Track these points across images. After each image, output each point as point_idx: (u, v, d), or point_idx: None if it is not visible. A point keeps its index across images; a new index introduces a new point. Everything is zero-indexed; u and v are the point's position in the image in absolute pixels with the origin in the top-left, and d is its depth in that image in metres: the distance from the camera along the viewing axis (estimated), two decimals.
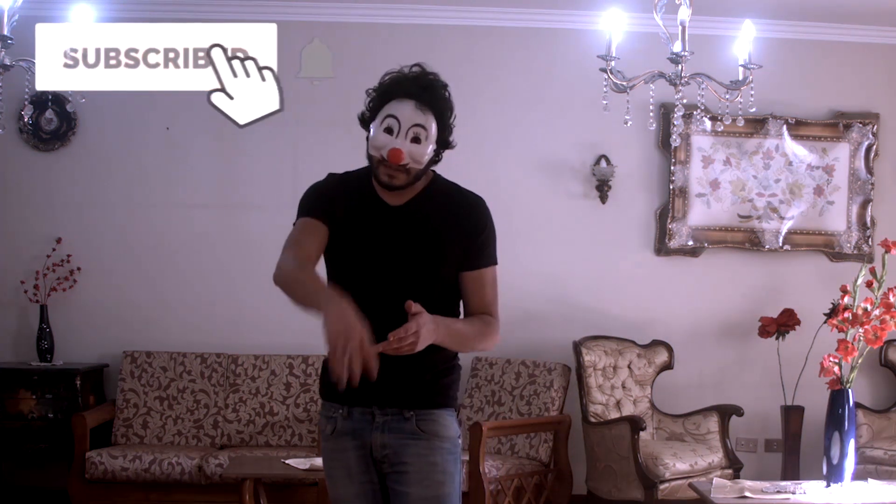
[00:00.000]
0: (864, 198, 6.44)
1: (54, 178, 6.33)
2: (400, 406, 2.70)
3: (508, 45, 6.36)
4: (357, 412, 2.73)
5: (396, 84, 2.70)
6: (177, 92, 6.30)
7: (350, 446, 2.74)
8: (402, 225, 2.71)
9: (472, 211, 2.74)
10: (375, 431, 2.71)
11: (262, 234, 6.33)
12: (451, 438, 2.73)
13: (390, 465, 2.71)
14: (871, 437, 6.04)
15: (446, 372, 2.76)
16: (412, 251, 2.68)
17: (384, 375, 2.60)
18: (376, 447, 2.71)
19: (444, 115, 2.70)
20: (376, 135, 2.69)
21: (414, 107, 2.66)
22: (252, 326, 6.31)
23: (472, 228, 2.72)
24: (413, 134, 2.65)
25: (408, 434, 2.69)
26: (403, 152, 2.63)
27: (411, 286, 2.66)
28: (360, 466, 2.74)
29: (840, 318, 4.90)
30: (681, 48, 3.94)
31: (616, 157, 6.34)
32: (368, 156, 2.73)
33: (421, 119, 2.66)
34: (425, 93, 2.68)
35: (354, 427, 2.74)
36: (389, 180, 2.67)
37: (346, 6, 6.27)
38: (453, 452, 2.74)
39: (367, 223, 2.72)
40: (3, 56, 4.04)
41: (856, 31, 6.41)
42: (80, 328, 6.30)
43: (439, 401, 2.74)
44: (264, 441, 6.04)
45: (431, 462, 2.69)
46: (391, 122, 2.67)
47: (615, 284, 6.41)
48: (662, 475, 5.49)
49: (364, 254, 2.70)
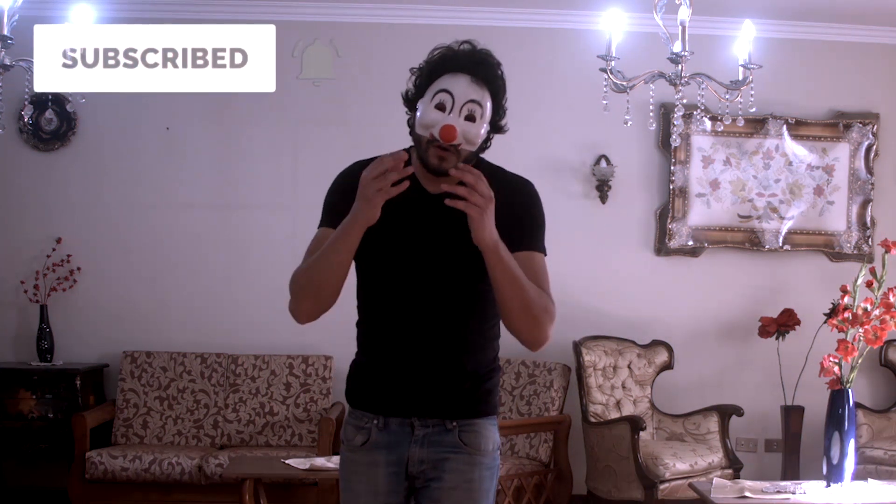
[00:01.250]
0: (864, 198, 6.44)
1: (54, 178, 6.33)
2: (442, 416, 2.51)
3: (508, 45, 6.34)
4: (395, 423, 2.53)
5: (449, 58, 2.44)
6: (177, 92, 6.35)
7: (382, 461, 2.53)
8: (444, 210, 2.39)
9: (519, 192, 2.54)
10: (414, 445, 2.52)
11: (261, 235, 6.34)
12: (491, 453, 2.56)
13: (424, 480, 2.53)
14: (871, 437, 6.04)
15: (488, 376, 2.57)
16: (455, 241, 2.44)
17: (424, 381, 2.51)
18: (413, 462, 2.52)
19: (498, 94, 2.47)
20: (426, 111, 2.41)
21: (469, 81, 2.41)
22: (252, 326, 6.31)
23: (518, 210, 2.49)
24: (468, 111, 2.41)
25: (449, 447, 2.52)
26: (457, 130, 2.38)
27: (454, 280, 2.47)
28: (390, 485, 2.54)
29: (840, 318, 4.90)
30: (681, 48, 3.94)
31: (616, 157, 6.34)
32: (415, 138, 2.47)
33: (477, 95, 2.41)
34: (480, 68, 2.43)
35: (390, 440, 2.53)
36: (439, 163, 2.42)
37: (345, 6, 6.27)
38: (491, 468, 2.57)
39: (405, 213, 2.47)
40: (3, 56, 4.04)
41: (856, 31, 6.41)
42: (80, 328, 6.30)
43: (482, 409, 2.56)
44: (264, 441, 6.04)
45: (469, 479, 2.52)
46: (444, 98, 2.40)
47: (615, 284, 6.41)
48: (662, 475, 5.49)
49: (403, 246, 2.48)
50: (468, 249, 2.41)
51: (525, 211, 2.53)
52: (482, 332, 2.56)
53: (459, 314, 2.52)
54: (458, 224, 2.42)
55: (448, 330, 2.50)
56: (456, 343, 2.52)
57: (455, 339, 2.51)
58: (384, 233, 2.46)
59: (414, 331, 2.50)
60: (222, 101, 6.36)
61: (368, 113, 6.24)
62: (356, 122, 6.27)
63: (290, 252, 6.25)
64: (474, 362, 2.54)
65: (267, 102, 6.32)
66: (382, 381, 2.55)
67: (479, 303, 2.52)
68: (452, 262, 2.47)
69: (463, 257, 2.46)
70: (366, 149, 6.43)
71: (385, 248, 2.49)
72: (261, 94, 6.28)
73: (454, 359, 2.51)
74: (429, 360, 2.50)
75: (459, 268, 2.48)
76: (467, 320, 2.53)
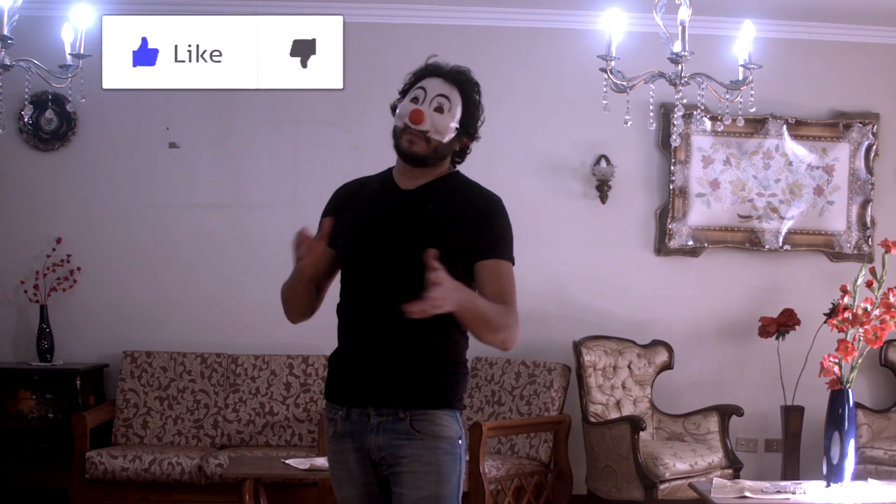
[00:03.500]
0: (864, 198, 6.44)
1: (54, 178, 6.33)
2: (395, 406, 2.63)
3: (509, 45, 6.36)
4: (354, 413, 2.68)
5: (427, 67, 2.76)
6: (176, 92, 6.36)
7: (350, 448, 2.70)
8: (407, 207, 2.68)
9: (485, 206, 2.70)
10: (370, 433, 2.65)
11: (262, 234, 6.34)
12: (448, 439, 2.65)
13: (388, 467, 2.66)
14: (871, 437, 6.04)
15: (448, 371, 2.68)
16: (419, 238, 2.60)
17: (380, 375, 2.64)
18: (373, 449, 2.66)
19: (469, 96, 2.72)
20: (402, 106, 2.71)
21: (442, 81, 2.71)
22: (252, 326, 6.31)
23: (481, 222, 2.66)
24: (437, 103, 2.68)
25: (402, 435, 2.63)
26: (424, 114, 2.65)
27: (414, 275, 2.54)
28: (361, 468, 2.69)
29: (840, 318, 4.90)
30: (681, 48, 3.94)
31: (616, 157, 6.34)
32: (394, 131, 2.72)
33: (446, 90, 2.70)
34: (453, 73, 2.74)
35: (353, 429, 2.68)
36: (409, 146, 2.67)
37: (345, 6, 6.26)
38: (451, 453, 2.65)
39: (374, 205, 2.72)
40: (3, 56, 4.04)
41: (856, 31, 6.41)
42: (80, 328, 6.30)
43: (437, 401, 2.65)
44: (264, 441, 6.04)
45: (426, 462, 2.62)
46: (418, 93, 2.70)
47: (615, 284, 6.41)
48: (662, 475, 5.49)
49: (367, 239, 2.68)
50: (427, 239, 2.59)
51: (491, 223, 2.69)
52: (440, 328, 2.62)
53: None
54: (423, 222, 2.65)
55: (399, 322, 2.55)
56: (411, 336, 2.62)
57: (411, 332, 2.61)
58: (354, 225, 2.71)
59: (373, 322, 2.65)
60: (222, 102, 6.36)
61: (368, 113, 6.24)
62: (356, 122, 6.27)
63: (290, 252, 6.27)
64: (430, 356, 2.65)
65: (267, 102, 6.32)
66: (345, 371, 2.71)
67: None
68: (413, 258, 2.55)
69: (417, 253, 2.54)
70: (366, 148, 6.50)
71: (352, 241, 2.71)
72: (261, 94, 6.31)
73: (409, 351, 2.63)
74: (384, 350, 2.63)
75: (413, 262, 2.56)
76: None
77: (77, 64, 4.26)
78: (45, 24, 5.46)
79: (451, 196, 2.70)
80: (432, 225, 2.64)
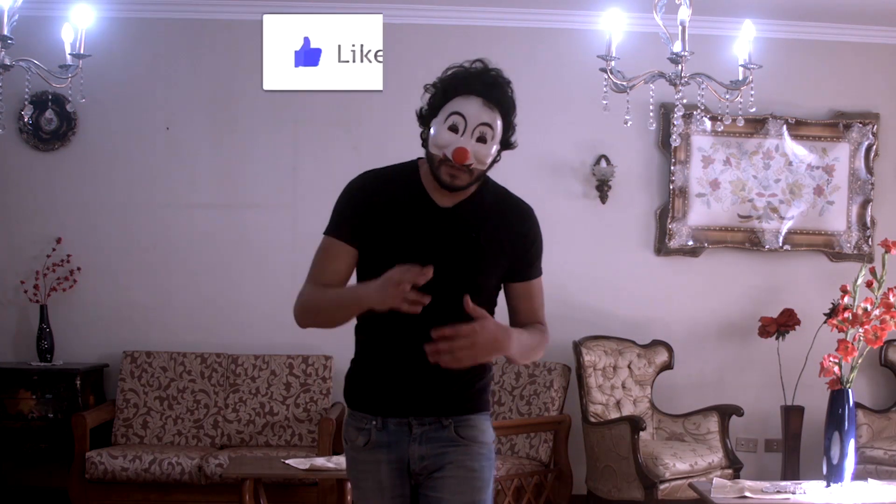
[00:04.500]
0: (864, 198, 6.44)
1: (54, 178, 6.33)
2: (438, 414, 2.61)
3: (509, 45, 6.36)
4: (392, 423, 2.62)
5: (461, 79, 2.56)
6: (176, 91, 6.37)
7: (384, 459, 2.63)
8: (451, 227, 2.58)
9: (524, 222, 2.67)
10: (413, 443, 2.61)
11: (262, 234, 6.34)
12: (488, 444, 2.67)
13: (427, 475, 2.63)
14: (871, 437, 6.04)
15: (480, 376, 2.67)
16: (460, 255, 2.57)
17: (419, 383, 2.60)
18: (414, 459, 2.62)
19: (509, 114, 2.58)
20: (439, 132, 2.53)
21: (481, 104, 2.53)
22: (252, 326, 6.31)
23: (522, 240, 2.65)
24: (479, 133, 2.52)
25: (446, 442, 2.61)
26: (469, 152, 2.50)
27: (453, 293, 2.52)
28: (393, 480, 2.64)
29: (840, 318, 4.90)
30: (681, 48, 3.94)
31: (616, 157, 6.34)
32: (429, 155, 2.57)
33: (488, 117, 2.53)
34: (492, 90, 2.55)
35: (390, 439, 2.62)
36: (451, 180, 2.54)
37: (345, 5, 6.26)
38: (490, 458, 2.67)
39: (413, 224, 2.58)
40: (3, 56, 4.04)
41: (856, 31, 6.41)
42: (80, 328, 6.29)
43: (475, 406, 2.66)
44: (264, 441, 6.04)
45: (470, 468, 2.62)
46: (457, 120, 2.52)
47: (615, 284, 6.41)
48: (662, 475, 5.49)
49: (406, 257, 2.52)
50: (474, 261, 2.58)
51: (531, 242, 2.68)
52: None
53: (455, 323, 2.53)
54: (459, 236, 2.58)
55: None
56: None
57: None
58: (390, 242, 2.58)
59: (410, 339, 2.55)
60: (222, 101, 6.37)
61: (368, 112, 6.24)
62: (356, 121, 6.27)
63: (290, 252, 6.28)
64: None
65: (267, 102, 6.33)
66: (380, 384, 2.64)
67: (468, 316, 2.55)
68: (452, 280, 2.55)
69: (468, 267, 2.58)
70: (366, 148, 6.50)
71: (389, 258, 2.53)
72: (260, 94, 6.31)
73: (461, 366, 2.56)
74: (420, 368, 2.55)
75: (463, 277, 2.57)
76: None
77: (77, 64, 4.26)
78: (45, 24, 5.47)
79: (490, 213, 2.63)
80: (476, 252, 2.59)
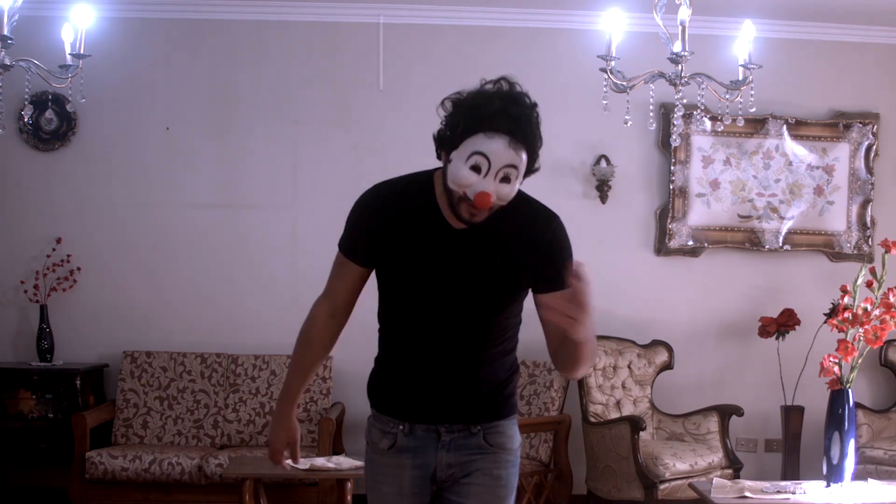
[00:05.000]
0: (864, 198, 6.44)
1: (54, 178, 6.33)
2: (466, 422, 2.59)
3: (508, 45, 6.36)
4: (420, 430, 2.60)
5: (486, 114, 2.35)
6: (176, 91, 6.37)
7: (408, 464, 2.61)
8: (468, 247, 2.48)
9: (546, 229, 2.53)
10: (441, 451, 2.60)
11: (262, 234, 6.34)
12: (514, 451, 2.66)
13: (453, 481, 2.62)
14: (871, 437, 6.04)
15: (507, 381, 2.66)
16: (480, 276, 2.49)
17: (447, 392, 2.60)
18: (441, 467, 2.60)
19: (535, 149, 2.43)
20: (460, 170, 2.35)
21: (507, 145, 2.35)
22: (252, 326, 6.31)
23: (547, 247, 2.51)
24: (504, 174, 2.36)
25: (475, 449, 2.60)
26: (492, 196, 2.35)
27: (473, 311, 2.53)
28: (415, 487, 2.62)
29: (840, 318, 4.90)
30: (681, 48, 3.93)
31: (616, 157, 6.34)
32: (447, 189, 2.41)
33: (514, 159, 2.36)
34: (519, 127, 2.37)
35: (417, 445, 2.61)
36: (471, 218, 2.41)
37: (345, 6, 6.27)
38: (515, 465, 2.66)
39: (427, 245, 2.49)
40: (3, 56, 4.04)
41: (856, 31, 6.41)
42: (80, 328, 6.29)
43: (504, 412, 2.65)
44: (264, 441, 6.04)
45: (496, 476, 2.61)
46: (480, 161, 2.34)
47: (615, 284, 6.40)
48: (662, 475, 5.49)
49: (425, 277, 2.50)
50: (487, 283, 2.50)
51: (558, 248, 2.54)
52: (500, 349, 2.64)
53: (477, 339, 2.59)
54: (478, 258, 2.49)
55: (466, 352, 2.58)
56: (474, 362, 2.60)
57: (474, 359, 2.59)
58: (408, 263, 2.52)
59: (434, 353, 2.57)
60: (222, 102, 6.36)
61: (368, 112, 6.25)
62: (355, 121, 6.27)
63: (290, 252, 6.29)
64: (493, 374, 2.63)
65: (267, 102, 6.33)
66: (407, 391, 2.64)
67: (496, 328, 2.60)
68: (472, 295, 2.52)
69: (482, 291, 2.52)
70: (366, 148, 6.52)
71: (408, 278, 2.53)
72: (260, 94, 6.32)
73: (473, 375, 2.60)
74: (449, 379, 2.58)
75: (478, 300, 2.53)
76: (485, 343, 2.60)
77: (77, 64, 4.26)
78: (45, 24, 5.47)
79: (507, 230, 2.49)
80: (496, 273, 2.50)
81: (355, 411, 5.95)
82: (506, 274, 2.51)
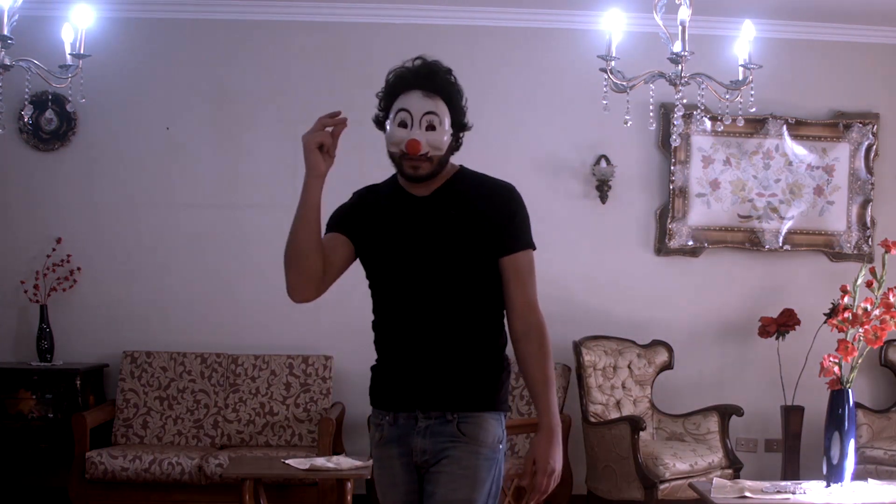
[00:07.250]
0: (864, 198, 6.44)
1: (54, 178, 6.33)
2: (443, 409, 2.67)
3: (508, 45, 6.36)
4: (402, 417, 2.71)
5: (400, 78, 2.71)
6: (176, 91, 6.37)
7: (395, 454, 2.71)
8: (429, 214, 2.70)
9: (500, 195, 2.74)
10: (417, 436, 2.68)
11: (261, 234, 6.34)
12: (490, 445, 2.68)
13: (427, 468, 2.69)
14: (871, 437, 6.04)
15: (490, 372, 2.73)
16: (442, 239, 2.67)
17: (427, 378, 2.67)
18: (417, 452, 2.68)
19: (452, 98, 2.70)
20: (392, 131, 2.68)
21: (422, 96, 2.67)
22: (252, 326, 6.31)
23: (501, 212, 2.71)
24: (427, 122, 2.65)
25: (448, 437, 2.66)
26: (421, 142, 2.64)
27: (446, 276, 2.66)
28: (405, 475, 2.71)
29: (840, 318, 4.90)
30: (681, 48, 3.93)
31: (616, 157, 6.34)
32: (390, 154, 2.72)
33: (431, 106, 2.66)
34: (430, 80, 2.69)
35: (399, 433, 2.71)
36: (414, 171, 2.67)
37: (345, 6, 6.27)
38: (490, 458, 2.68)
39: (395, 217, 2.72)
40: (3, 56, 4.03)
41: (856, 31, 6.41)
42: (80, 328, 6.29)
43: (482, 403, 2.69)
44: (264, 441, 6.04)
45: (464, 466, 2.65)
46: (403, 116, 2.67)
47: (615, 284, 6.40)
48: (662, 475, 5.49)
49: (395, 248, 2.70)
50: (456, 242, 2.67)
51: (513, 212, 2.74)
52: (479, 329, 2.72)
53: (452, 311, 2.68)
54: (439, 219, 2.69)
55: (442, 327, 2.67)
56: (452, 339, 2.68)
57: (450, 335, 2.68)
58: (378, 236, 2.72)
59: (411, 328, 2.69)
60: (222, 102, 6.37)
61: (368, 112, 6.23)
62: (356, 121, 6.26)
63: None
64: (468, 360, 2.69)
65: (267, 102, 6.33)
66: (390, 378, 2.73)
67: (472, 299, 2.69)
68: (441, 262, 2.67)
69: (451, 258, 2.67)
70: (366, 148, 6.49)
71: (379, 251, 2.73)
72: (260, 94, 6.32)
73: (451, 354, 2.67)
74: (427, 356, 2.67)
75: (448, 267, 2.67)
76: (461, 317, 2.69)
77: (77, 64, 4.26)
78: (45, 24, 5.47)
79: (466, 195, 2.72)
80: (457, 229, 2.68)
81: (355, 411, 5.95)
82: (463, 227, 2.67)
